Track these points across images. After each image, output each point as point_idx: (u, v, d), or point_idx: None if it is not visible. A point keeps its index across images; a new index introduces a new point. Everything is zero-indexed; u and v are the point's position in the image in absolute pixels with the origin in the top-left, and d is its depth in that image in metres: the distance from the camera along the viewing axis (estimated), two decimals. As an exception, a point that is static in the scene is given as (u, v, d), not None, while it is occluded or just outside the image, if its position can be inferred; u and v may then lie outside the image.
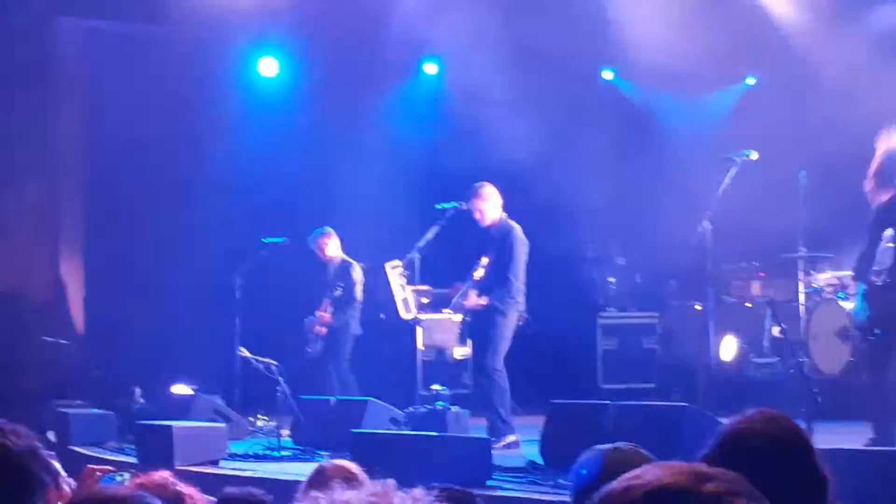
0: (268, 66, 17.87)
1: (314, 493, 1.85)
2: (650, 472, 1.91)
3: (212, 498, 4.31)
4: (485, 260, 12.20)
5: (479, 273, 12.19)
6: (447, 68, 17.78)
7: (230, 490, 4.21)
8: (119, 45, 17.36)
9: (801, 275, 14.10)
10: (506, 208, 12.23)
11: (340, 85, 16.78)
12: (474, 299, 12.11)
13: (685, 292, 15.98)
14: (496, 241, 12.12)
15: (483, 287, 12.08)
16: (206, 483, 4.99)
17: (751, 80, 17.64)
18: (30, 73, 17.19)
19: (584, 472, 3.65)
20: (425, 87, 18.00)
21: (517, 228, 12.12)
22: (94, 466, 5.68)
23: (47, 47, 17.46)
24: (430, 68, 18.04)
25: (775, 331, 13.68)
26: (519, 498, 8.50)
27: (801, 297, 14.08)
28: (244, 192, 16.36)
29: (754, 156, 11.21)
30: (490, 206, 12.12)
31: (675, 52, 15.16)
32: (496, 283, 12.01)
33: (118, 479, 5.56)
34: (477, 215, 12.14)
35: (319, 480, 4.29)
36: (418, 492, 1.88)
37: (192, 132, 16.65)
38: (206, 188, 16.13)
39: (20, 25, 16.62)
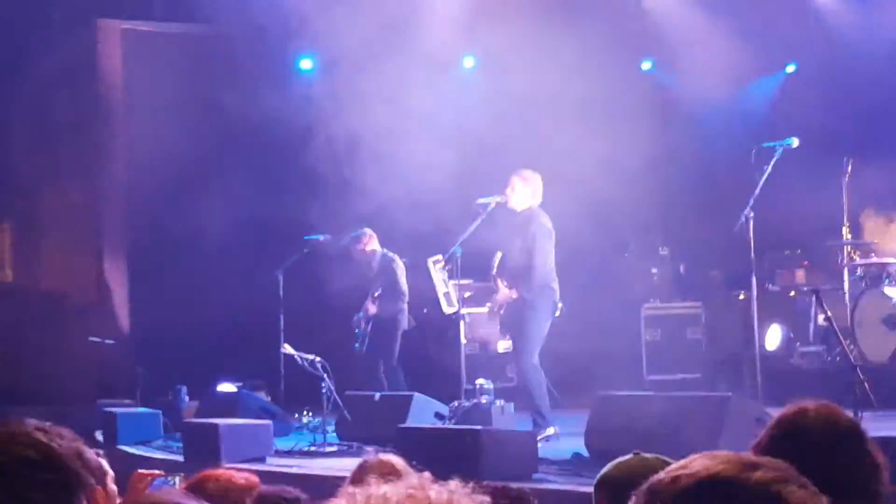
0: (305, 63, 17.92)
1: (351, 489, 1.85)
2: (698, 462, 1.90)
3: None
4: (498, 255, 12.14)
5: (495, 268, 12.12)
6: (484, 63, 17.78)
7: (264, 488, 4.22)
8: (157, 46, 17.46)
9: (845, 262, 14.04)
10: (546, 200, 12.11)
11: (380, 80, 16.79)
12: (504, 293, 12.04)
13: (729, 282, 15.90)
14: (520, 231, 11.95)
15: (511, 279, 11.99)
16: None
17: (791, 68, 17.52)
18: (69, 75, 17.31)
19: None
20: (465, 79, 18.00)
21: (542, 216, 11.92)
22: (144, 472, 5.71)
23: (86, 49, 17.59)
24: (468, 62, 18.05)
25: (820, 319, 13.62)
26: (565, 490, 8.49)
27: (846, 285, 14.01)
28: (285, 188, 16.39)
29: (795, 143, 11.13)
30: (522, 188, 11.94)
31: (713, 40, 15.12)
32: (523, 275, 11.86)
33: (168, 484, 5.59)
34: (508, 191, 12.00)
35: (361, 475, 4.29)
36: (454, 483, 1.88)
37: (231, 129, 16.72)
38: (246, 185, 16.17)
39: (59, 27, 16.75)
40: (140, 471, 7.71)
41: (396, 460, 4.46)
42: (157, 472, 6.37)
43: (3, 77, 17.02)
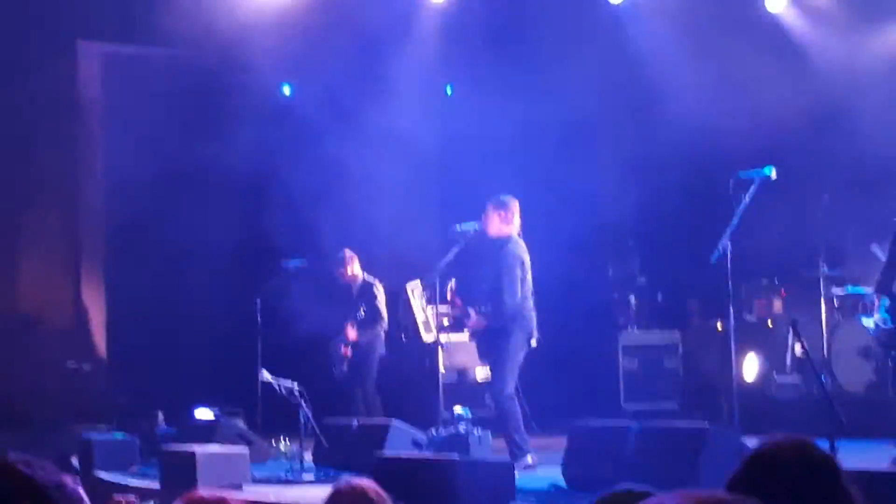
0: (286, 89, 17.96)
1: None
2: (671, 500, 1.92)
3: None
4: (451, 283, 12.13)
5: (449, 296, 12.11)
6: (463, 90, 17.84)
7: None
8: (136, 69, 17.46)
9: (822, 293, 14.09)
10: (524, 227, 12.08)
11: (359, 105, 16.82)
12: (475, 320, 12.01)
13: (706, 311, 15.94)
14: (493, 258, 11.87)
15: (484, 306, 11.96)
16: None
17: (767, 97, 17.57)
18: (49, 97, 17.29)
19: None
20: (445, 106, 18.05)
21: (513, 243, 11.80)
22: (121, 497, 5.70)
23: (66, 71, 17.57)
24: (449, 90, 18.12)
25: (797, 349, 13.65)
26: (542, 520, 8.48)
27: (823, 316, 14.06)
28: (263, 213, 16.38)
29: (773, 174, 11.17)
30: (497, 216, 11.85)
31: (693, 68, 15.18)
32: (493, 303, 11.78)
33: None
34: (483, 218, 11.92)
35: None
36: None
37: (209, 155, 16.71)
38: (224, 210, 16.18)
39: (39, 49, 16.72)
40: (116, 496, 7.70)
41: (369, 486, 4.43)
42: (131, 497, 6.37)
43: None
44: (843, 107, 14.62)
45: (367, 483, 4.39)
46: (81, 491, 2.47)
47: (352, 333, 14.29)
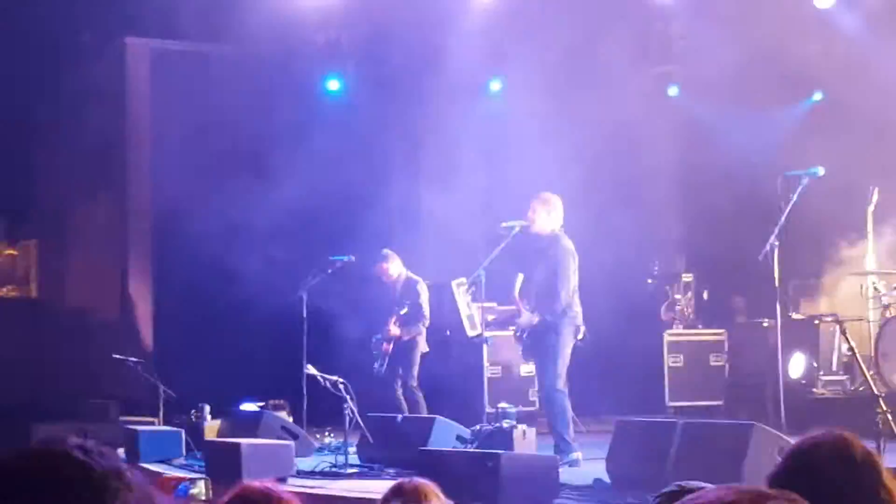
0: (332, 84, 18.00)
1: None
2: (712, 493, 1.92)
3: None
4: (520, 277, 12.10)
5: (517, 291, 12.09)
6: (510, 87, 17.81)
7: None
8: (184, 65, 17.55)
9: (870, 291, 14.01)
10: (570, 224, 12.09)
11: (404, 102, 16.85)
12: (527, 317, 11.99)
13: (753, 309, 15.87)
14: (543, 254, 11.91)
15: (533, 303, 11.97)
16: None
17: (818, 96, 17.49)
18: (98, 93, 17.42)
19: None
20: (489, 104, 18.02)
21: (565, 240, 11.86)
22: (169, 476, 5.76)
23: (115, 68, 17.70)
24: (494, 86, 18.07)
25: (844, 348, 13.57)
26: (586, 516, 8.48)
27: (871, 314, 13.97)
28: (309, 209, 16.43)
29: (821, 172, 11.12)
30: (544, 212, 11.88)
31: (740, 67, 15.12)
32: (546, 298, 11.84)
33: (193, 489, 5.64)
34: (530, 215, 11.98)
35: (391, 496, 4.29)
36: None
37: (256, 150, 16.79)
38: (270, 205, 16.23)
39: (88, 47, 16.86)
40: (165, 475, 7.78)
41: (431, 490, 4.44)
42: (182, 475, 6.44)
43: (33, 96, 17.15)
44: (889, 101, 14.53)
45: (430, 484, 4.40)
46: (139, 476, 2.49)
47: (394, 330, 14.29)
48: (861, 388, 12.73)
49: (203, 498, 5.61)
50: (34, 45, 16.71)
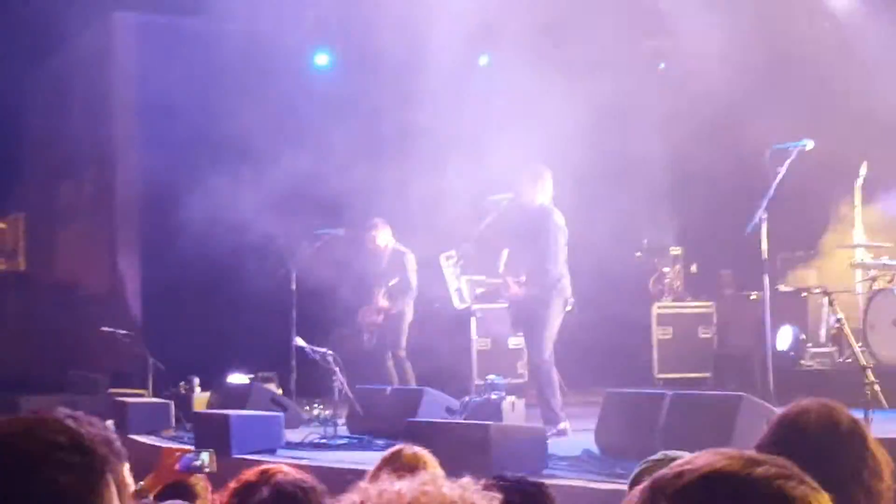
0: (320, 58, 17.97)
1: (364, 485, 1.87)
2: (702, 458, 1.93)
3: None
4: (505, 252, 12.10)
5: (502, 266, 12.09)
6: (498, 61, 17.80)
7: (281, 478, 4.22)
8: (171, 39, 17.52)
9: (857, 263, 14.05)
10: (558, 197, 12.09)
11: (392, 75, 16.82)
12: (514, 289, 11.98)
13: (741, 282, 15.92)
14: (532, 228, 11.87)
15: (524, 277, 11.96)
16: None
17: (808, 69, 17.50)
18: (85, 67, 17.38)
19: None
20: (478, 77, 18.01)
21: (555, 213, 11.82)
22: (174, 447, 5.78)
23: (101, 41, 17.65)
24: (482, 60, 18.07)
25: (832, 320, 13.61)
26: (575, 486, 8.50)
27: (858, 287, 14.01)
28: (297, 182, 16.42)
29: (810, 145, 11.14)
30: (533, 185, 11.87)
31: (728, 40, 15.13)
32: (535, 272, 11.80)
33: (197, 460, 5.65)
34: (518, 187, 11.95)
35: (391, 461, 4.33)
36: (466, 480, 1.89)
37: (245, 124, 16.76)
38: (258, 179, 16.22)
39: (75, 21, 16.80)
40: (169, 446, 7.78)
41: (429, 458, 4.47)
42: (186, 447, 6.45)
43: (20, 70, 17.11)
44: (883, 73, 14.54)
45: (427, 453, 4.43)
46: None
47: (383, 302, 14.31)
48: (849, 360, 12.78)
49: (208, 470, 5.61)
50: (20, 20, 16.65)
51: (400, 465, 4.28)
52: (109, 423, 13.23)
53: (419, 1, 15.92)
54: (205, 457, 5.66)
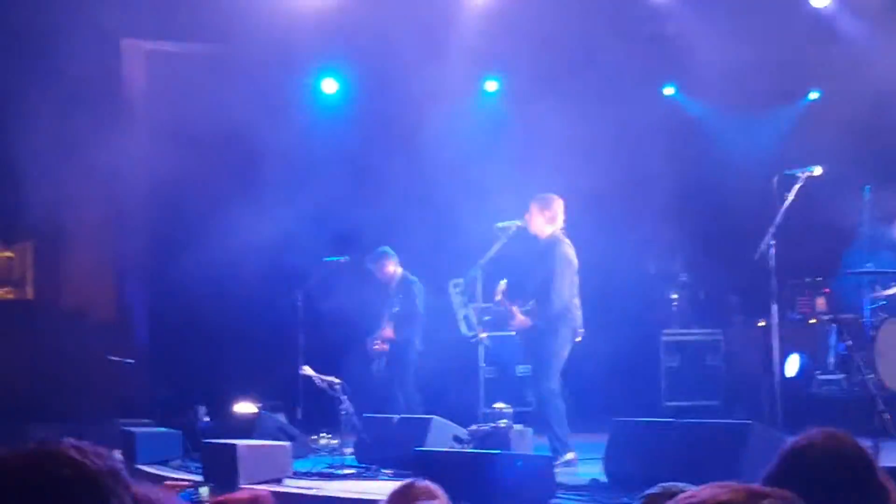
0: (328, 85, 17.99)
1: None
2: (707, 491, 1.92)
3: None
4: (502, 284, 12.08)
5: (498, 296, 12.07)
6: (506, 87, 17.81)
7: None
8: (180, 66, 17.53)
9: (866, 291, 14.00)
10: (566, 224, 12.06)
11: (401, 102, 16.83)
12: (520, 318, 11.98)
13: (749, 309, 15.88)
14: (541, 257, 11.89)
15: (531, 306, 11.94)
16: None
17: (814, 95, 17.51)
18: (93, 94, 17.39)
19: None
20: (486, 104, 18.02)
21: (563, 244, 11.85)
22: (172, 482, 5.77)
23: (110, 68, 17.67)
24: (491, 86, 18.07)
25: (841, 347, 13.57)
26: (583, 516, 8.47)
27: (867, 314, 13.97)
28: (305, 209, 16.42)
29: (818, 171, 11.12)
30: (541, 214, 11.91)
31: (736, 67, 15.12)
32: (541, 302, 11.81)
33: (195, 495, 5.64)
34: (527, 216, 11.98)
35: (404, 494, 4.32)
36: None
37: (253, 151, 16.77)
38: (267, 206, 16.22)
39: (84, 48, 16.81)
40: (168, 482, 7.77)
41: (440, 493, 4.47)
42: (185, 482, 6.44)
43: (27, 96, 17.11)
44: (885, 101, 14.53)
45: (437, 487, 4.42)
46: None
47: (388, 330, 14.31)
48: (857, 388, 12.73)
49: (208, 502, 5.62)
50: (28, 46, 16.68)
51: (411, 500, 4.27)
52: (117, 452, 13.22)
53: (428, 29, 15.95)
54: (203, 491, 5.65)
